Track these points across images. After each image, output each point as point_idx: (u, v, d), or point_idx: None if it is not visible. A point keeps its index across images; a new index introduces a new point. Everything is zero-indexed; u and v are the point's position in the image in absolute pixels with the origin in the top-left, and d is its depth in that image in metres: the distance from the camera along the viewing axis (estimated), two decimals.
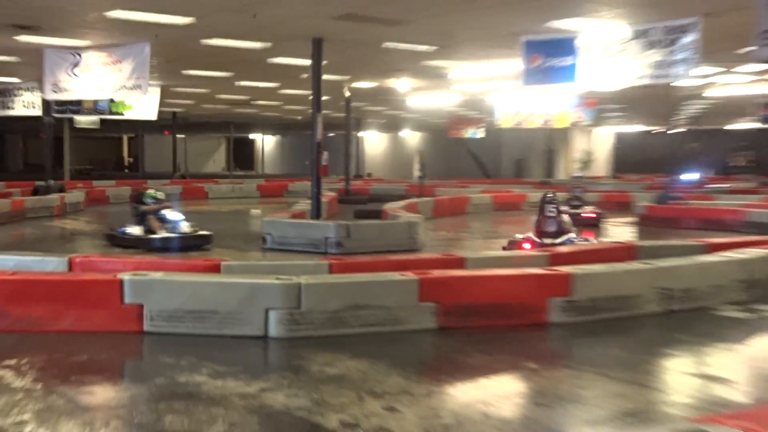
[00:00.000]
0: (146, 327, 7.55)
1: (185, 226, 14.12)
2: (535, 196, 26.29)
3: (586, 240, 12.69)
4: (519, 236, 12.70)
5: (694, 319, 8.71)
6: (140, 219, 14.10)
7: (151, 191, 14.62)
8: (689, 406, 5.67)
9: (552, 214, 12.78)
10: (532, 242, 12.29)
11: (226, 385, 5.93)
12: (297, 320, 7.48)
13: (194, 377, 6.14)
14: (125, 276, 7.69)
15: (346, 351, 6.98)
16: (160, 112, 23.26)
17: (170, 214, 14.17)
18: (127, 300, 7.59)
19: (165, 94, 23.44)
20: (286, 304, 7.47)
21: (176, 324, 7.51)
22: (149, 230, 13.89)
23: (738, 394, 6.12)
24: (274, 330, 7.45)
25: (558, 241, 12.26)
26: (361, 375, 6.29)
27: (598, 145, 44.88)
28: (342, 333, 7.53)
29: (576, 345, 7.84)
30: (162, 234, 13.81)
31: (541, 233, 12.65)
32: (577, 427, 5.23)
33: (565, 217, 13.07)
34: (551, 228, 12.67)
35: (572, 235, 12.65)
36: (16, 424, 5.00)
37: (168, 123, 37.12)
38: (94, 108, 21.81)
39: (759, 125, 26.73)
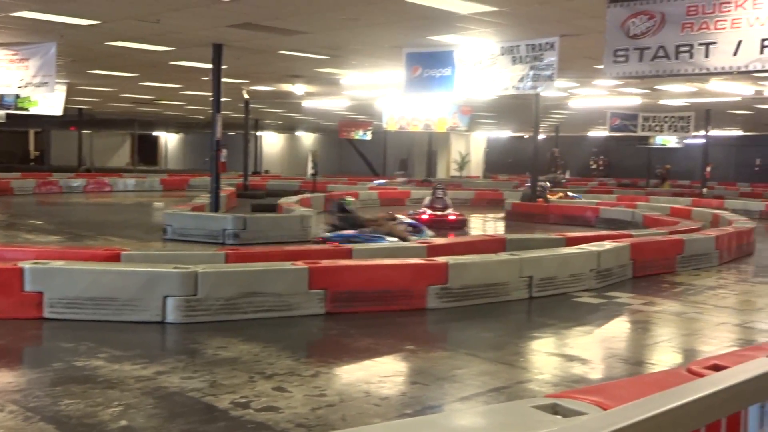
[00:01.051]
0: (46, 314, 7.18)
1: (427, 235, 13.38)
2: (418, 193, 26.66)
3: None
4: (419, 210, 17.78)
5: (555, 305, 8.94)
6: (347, 223, 12.76)
7: (348, 198, 13.54)
8: (549, 383, 5.80)
9: (440, 196, 18.20)
10: (429, 214, 17.41)
11: (123, 369, 5.69)
12: (194, 307, 7.27)
13: (92, 362, 5.86)
14: (26, 264, 7.29)
15: (240, 335, 6.82)
16: (66, 109, 22.21)
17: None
18: (28, 288, 7.20)
19: (71, 91, 22.42)
20: (184, 292, 7.25)
21: (76, 311, 7.18)
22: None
23: (592, 371, 6.31)
24: (171, 316, 7.22)
25: (444, 213, 17.56)
26: (253, 357, 6.15)
27: (474, 148, 45.72)
28: (236, 318, 7.38)
29: (451, 328, 7.91)
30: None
31: (433, 208, 17.85)
32: (450, 403, 5.26)
33: (448, 199, 18.40)
34: (439, 205, 18.07)
35: (450, 210, 17.94)
36: None
37: (74, 119, 35.61)
38: (0, 103, 20.68)
39: (609, 133, 27.81)
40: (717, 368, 2.44)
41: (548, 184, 24.75)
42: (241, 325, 7.25)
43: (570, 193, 25.24)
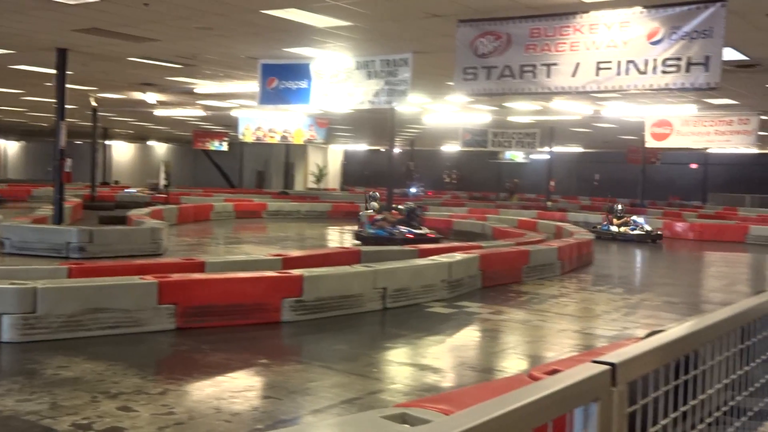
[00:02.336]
0: None
1: None
2: (275, 204, 26.46)
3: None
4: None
5: (408, 315, 9.10)
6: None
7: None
8: (402, 392, 5.89)
9: (418, 214, 17.85)
10: (408, 233, 16.89)
11: None
12: (32, 324, 6.87)
13: None
14: None
15: (83, 353, 6.51)
16: None
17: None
18: None
19: None
20: (21, 309, 6.83)
21: None
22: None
23: (443, 379, 6.47)
24: (7, 334, 6.79)
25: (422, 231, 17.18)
26: (97, 376, 5.88)
27: (331, 160, 45.97)
28: (80, 336, 7.04)
29: (305, 341, 7.89)
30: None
31: (412, 226, 17.05)
32: (302, 416, 5.23)
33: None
34: (416, 222, 17.46)
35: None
36: None
37: None
38: None
39: (461, 148, 28.79)
40: (555, 373, 2.55)
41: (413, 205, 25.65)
42: (85, 342, 6.92)
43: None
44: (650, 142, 20.72)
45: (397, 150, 31.65)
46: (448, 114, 23.19)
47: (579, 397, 1.58)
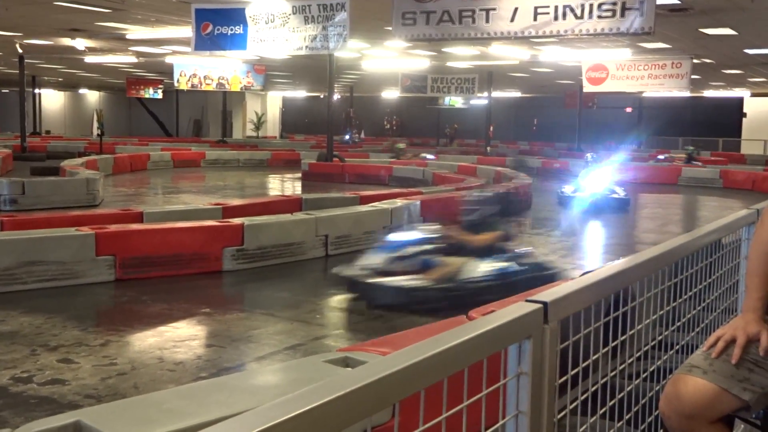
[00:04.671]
0: None
1: None
2: (213, 153, 26.10)
3: None
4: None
5: (350, 262, 9.15)
6: None
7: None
8: (344, 337, 5.98)
9: None
10: None
11: None
12: None
13: None
14: None
15: (20, 307, 6.41)
16: None
17: None
18: None
19: None
20: None
21: None
22: None
23: (385, 325, 6.55)
24: None
25: None
26: (35, 330, 5.81)
27: (270, 107, 45.36)
28: (15, 290, 6.91)
29: (248, 289, 7.90)
30: None
31: None
32: (246, 364, 5.28)
33: None
34: None
35: None
36: None
37: None
38: None
39: (400, 94, 28.75)
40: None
41: (403, 146, 25.13)
42: (22, 296, 6.81)
43: (424, 154, 25.39)
44: (587, 87, 21.00)
45: (336, 97, 31.44)
46: (387, 60, 23.07)
47: (512, 335, 1.64)
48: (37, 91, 40.33)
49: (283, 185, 20.25)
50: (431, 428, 1.46)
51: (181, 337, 5.90)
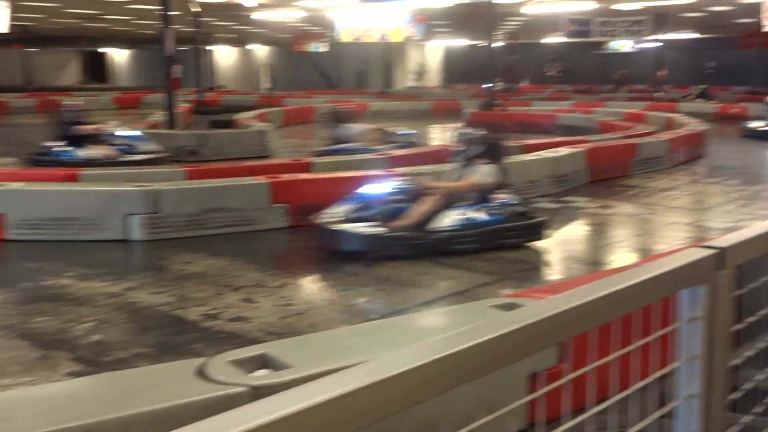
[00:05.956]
0: (10, 235, 7.20)
1: None
2: (377, 105, 26.51)
3: None
4: None
5: None
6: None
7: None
8: (510, 286, 6.04)
9: None
10: None
11: (92, 286, 5.79)
12: (157, 224, 7.35)
13: (59, 280, 5.96)
14: None
15: (206, 250, 6.94)
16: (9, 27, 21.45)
17: None
18: None
19: (14, 7, 21.60)
20: (146, 209, 7.32)
21: (39, 231, 7.22)
22: None
23: (551, 273, 6.57)
24: (136, 233, 7.29)
25: None
26: (219, 271, 6.29)
27: (431, 57, 45.33)
28: (200, 234, 7.48)
29: None
30: None
31: None
32: (413, 307, 5.48)
33: None
34: None
35: None
36: None
37: (18, 36, 34.37)
38: None
39: (566, 39, 27.85)
40: None
41: None
42: (206, 240, 7.36)
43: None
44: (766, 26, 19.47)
45: (498, 44, 30.91)
46: (551, 4, 22.41)
47: (685, 280, 1.66)
48: (210, 48, 42.43)
49: (446, 135, 20.32)
50: (599, 372, 1.51)
51: (350, 281, 6.19)
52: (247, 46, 50.39)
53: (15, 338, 4.68)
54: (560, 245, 7.79)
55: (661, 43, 28.26)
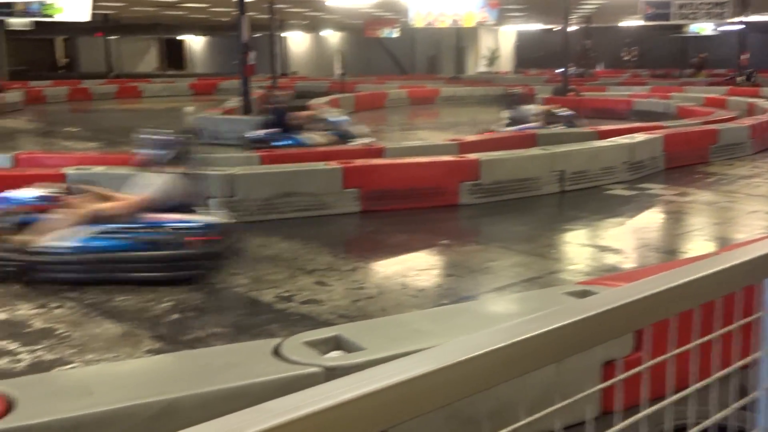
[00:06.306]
0: None
1: None
2: (448, 90, 26.38)
3: None
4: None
5: (587, 198, 9.02)
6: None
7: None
8: (582, 272, 5.96)
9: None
10: None
11: None
12: (232, 207, 7.47)
13: None
14: (69, 170, 7.53)
15: (279, 234, 7.05)
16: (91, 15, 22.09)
17: None
18: None
19: None
20: (222, 193, 7.45)
21: None
22: None
23: (625, 261, 6.46)
24: None
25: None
26: (293, 254, 6.39)
27: (503, 42, 44.82)
28: (274, 218, 7.60)
29: (483, 223, 8.07)
30: None
31: None
32: (484, 293, 5.46)
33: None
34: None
35: None
36: None
37: (99, 25, 35.47)
38: (25, 10, 20.60)
39: (643, 23, 27.11)
40: None
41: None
42: (279, 224, 7.48)
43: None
44: None
45: (572, 28, 30.31)
46: None
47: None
48: (283, 34, 42.88)
49: None
50: (678, 361, 1.48)
51: (422, 265, 6.20)
52: (320, 33, 50.72)
53: (98, 316, 4.86)
54: (634, 233, 7.66)
55: (744, 26, 27.22)
